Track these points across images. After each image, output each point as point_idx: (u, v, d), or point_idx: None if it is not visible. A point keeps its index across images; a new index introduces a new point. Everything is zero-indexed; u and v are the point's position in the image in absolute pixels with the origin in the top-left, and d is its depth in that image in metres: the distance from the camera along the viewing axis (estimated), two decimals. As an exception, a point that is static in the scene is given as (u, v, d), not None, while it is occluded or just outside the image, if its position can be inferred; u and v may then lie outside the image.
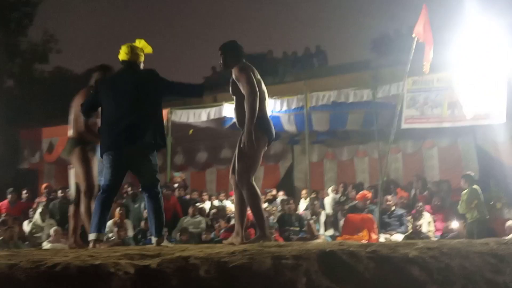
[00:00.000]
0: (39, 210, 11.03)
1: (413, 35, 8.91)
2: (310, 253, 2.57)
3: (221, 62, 5.29)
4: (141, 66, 5.33)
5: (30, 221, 11.10)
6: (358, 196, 10.96)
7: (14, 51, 25.39)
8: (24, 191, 12.11)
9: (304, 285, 2.35)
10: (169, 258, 2.37)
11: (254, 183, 4.91)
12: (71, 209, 5.78)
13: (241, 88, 4.91)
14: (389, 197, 10.62)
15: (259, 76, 5.13)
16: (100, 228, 4.83)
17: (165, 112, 12.71)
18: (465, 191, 9.87)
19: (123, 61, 5.25)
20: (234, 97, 5.10)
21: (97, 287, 2.09)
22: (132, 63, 5.22)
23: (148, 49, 5.42)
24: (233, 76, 5.03)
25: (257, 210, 4.87)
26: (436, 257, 2.76)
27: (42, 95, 21.67)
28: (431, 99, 9.98)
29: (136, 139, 4.89)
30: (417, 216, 10.23)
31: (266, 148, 5.05)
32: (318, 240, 9.13)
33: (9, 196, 12.02)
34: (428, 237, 9.39)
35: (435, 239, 9.19)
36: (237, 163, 4.88)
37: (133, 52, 5.23)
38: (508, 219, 9.67)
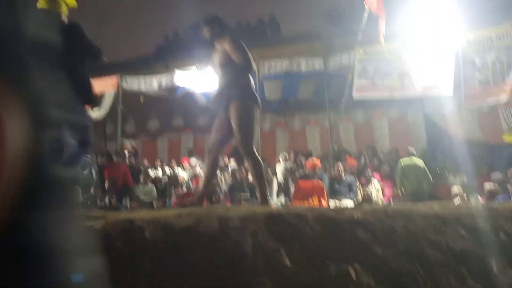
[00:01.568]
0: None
1: (366, 6, 8.97)
2: (257, 215, 2.59)
3: (209, 34, 5.29)
4: (65, 20, 4.97)
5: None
6: (307, 164, 11.09)
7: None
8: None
9: (250, 246, 2.37)
10: (114, 220, 2.36)
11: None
12: None
13: (235, 58, 4.99)
14: (340, 164, 10.78)
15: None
16: None
17: (115, 79, 12.55)
18: (399, 166, 10.28)
19: (41, 10, 4.79)
20: (220, 70, 5.10)
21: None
22: (51, 13, 4.82)
23: (72, 2, 5.07)
24: (224, 48, 5.10)
25: (261, 178, 4.99)
26: (380, 219, 2.82)
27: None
28: (381, 69, 10.10)
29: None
30: (366, 183, 10.44)
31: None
32: (269, 207, 9.22)
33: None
34: (376, 204, 9.62)
35: (383, 206, 9.44)
36: (238, 135, 4.91)
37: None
38: (453, 185, 9.98)
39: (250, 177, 11.45)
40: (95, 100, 5.26)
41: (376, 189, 10.47)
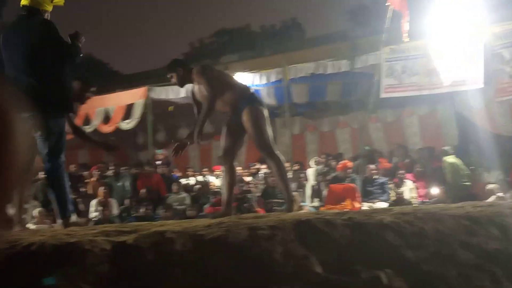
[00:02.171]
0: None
1: (387, 4, 8.91)
2: (286, 223, 2.61)
3: (177, 82, 5.34)
4: (47, 17, 4.66)
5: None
6: (338, 166, 11.06)
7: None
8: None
9: (280, 254, 2.38)
10: (145, 234, 2.40)
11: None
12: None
13: (204, 90, 5.06)
14: (371, 166, 10.71)
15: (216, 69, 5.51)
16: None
17: (143, 89, 12.69)
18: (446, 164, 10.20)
19: (23, 6, 4.57)
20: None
21: (72, 265, 2.11)
22: (33, 10, 4.52)
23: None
24: (197, 83, 5.17)
25: (285, 177, 5.13)
26: (410, 222, 2.81)
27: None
28: (408, 67, 10.00)
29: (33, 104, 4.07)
30: (399, 184, 10.35)
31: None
32: (301, 212, 9.20)
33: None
34: (410, 204, 9.50)
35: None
36: (255, 138, 5.04)
37: None
38: (488, 183, 9.82)
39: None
40: (70, 108, 4.75)
41: (410, 189, 10.36)
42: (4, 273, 2.10)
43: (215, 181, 12.37)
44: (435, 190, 10.03)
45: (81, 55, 4.72)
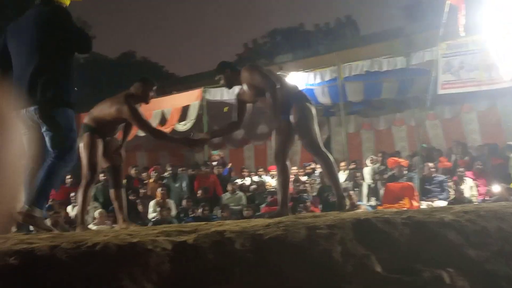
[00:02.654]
0: (83, 193, 11.25)
1: (445, -2, 8.74)
2: (344, 222, 2.59)
3: (225, 84, 5.43)
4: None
5: (75, 206, 11.35)
6: (389, 163, 10.97)
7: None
8: (68, 176, 12.28)
9: (340, 253, 2.37)
10: (205, 233, 2.42)
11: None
12: (111, 192, 5.75)
13: (260, 85, 5.08)
14: (430, 164, 10.54)
15: (265, 68, 5.46)
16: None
17: (198, 91, 12.84)
18: None
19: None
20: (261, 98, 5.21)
21: (135, 264, 2.15)
22: (47, 1, 4.36)
23: None
24: (246, 82, 5.20)
25: (334, 174, 5.12)
26: (472, 220, 2.75)
27: (78, 80, 22.03)
28: (466, 63, 9.80)
29: (35, 94, 4.11)
30: (459, 182, 10.14)
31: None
32: (359, 211, 9.14)
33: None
34: (471, 202, 9.30)
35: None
36: (302, 136, 5.05)
37: None
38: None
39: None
40: (70, 104, 4.36)
41: (470, 187, 10.14)
42: (70, 273, 2.17)
43: (271, 181, 12.41)
44: (496, 188, 9.77)
45: (90, 50, 4.48)
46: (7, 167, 0.63)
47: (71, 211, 11.31)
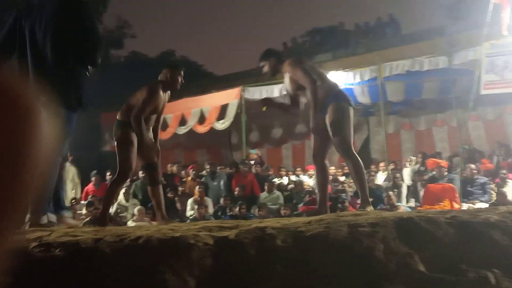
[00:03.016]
0: (123, 190, 11.38)
1: (490, -4, 8.58)
2: (387, 220, 2.56)
3: (269, 69, 5.39)
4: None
5: (114, 202, 11.53)
6: (428, 164, 10.84)
7: (91, 38, 26.21)
8: (108, 173, 12.42)
9: (382, 252, 2.35)
10: (246, 229, 2.43)
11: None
12: (149, 189, 5.68)
13: (300, 80, 5.08)
14: (472, 165, 10.36)
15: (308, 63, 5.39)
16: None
17: (237, 90, 12.87)
18: None
19: None
20: (301, 92, 5.21)
21: (178, 258, 2.17)
22: None
23: None
24: (289, 75, 5.21)
25: (363, 179, 5.07)
26: (519, 221, 2.69)
27: (118, 80, 22.34)
28: (511, 63, 9.60)
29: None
30: (501, 184, 9.94)
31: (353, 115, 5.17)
32: (399, 211, 9.05)
33: (93, 179, 12.50)
34: (513, 205, 9.12)
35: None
36: (335, 136, 5.00)
37: None
38: None
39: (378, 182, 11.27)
40: (81, 104, 4.18)
41: (512, 190, 9.93)
42: (113, 266, 2.19)
43: (309, 180, 12.37)
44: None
45: (95, 65, 4.27)
46: (35, 164, 0.60)
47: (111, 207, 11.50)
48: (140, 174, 11.69)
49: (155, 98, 5.33)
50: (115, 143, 5.45)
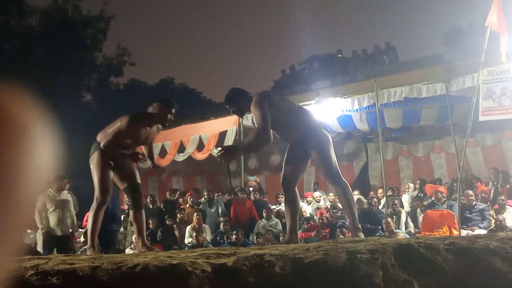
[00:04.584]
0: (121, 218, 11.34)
1: (486, 24, 8.64)
2: (386, 247, 2.55)
3: (237, 112, 5.35)
4: None
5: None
6: (426, 189, 10.85)
7: (91, 66, 26.39)
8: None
9: (381, 279, 2.33)
10: (244, 256, 2.41)
11: None
12: (131, 213, 5.52)
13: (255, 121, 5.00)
14: (470, 191, 10.35)
15: (276, 97, 5.29)
16: None
17: (236, 117, 12.90)
18: None
19: None
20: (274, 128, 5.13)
21: (175, 286, 2.15)
22: None
23: None
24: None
25: (352, 205, 5.02)
26: (518, 248, 2.68)
27: (118, 107, 22.42)
28: (508, 89, 9.64)
29: None
30: (500, 210, 9.92)
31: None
32: (398, 237, 9.00)
33: (92, 207, 12.44)
34: (513, 232, 9.08)
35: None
36: (322, 166, 5.02)
37: None
38: None
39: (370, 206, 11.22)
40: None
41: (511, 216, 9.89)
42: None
43: (306, 207, 12.34)
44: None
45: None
46: (23, 184, 0.58)
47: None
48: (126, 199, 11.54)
49: (132, 130, 5.24)
50: (91, 165, 5.34)
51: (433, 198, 10.51)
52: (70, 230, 9.84)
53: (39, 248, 9.33)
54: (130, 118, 5.27)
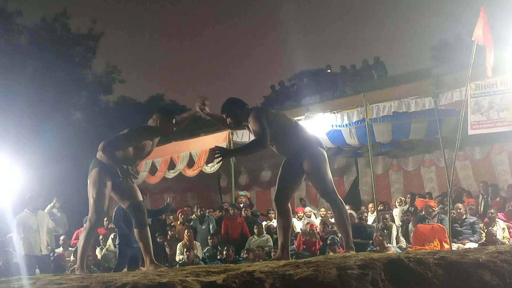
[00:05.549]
0: (111, 236, 11.26)
1: (473, 39, 8.71)
2: (376, 262, 2.55)
3: (233, 122, 5.26)
4: None
5: (102, 248, 11.40)
6: (417, 203, 10.88)
7: (80, 84, 26.33)
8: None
9: (372, 294, 2.33)
10: (234, 274, 2.40)
11: None
12: (135, 232, 5.39)
13: (254, 133, 4.96)
14: (460, 205, 10.37)
15: (273, 112, 5.27)
16: None
17: (226, 133, 12.89)
18: None
19: None
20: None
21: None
22: None
23: None
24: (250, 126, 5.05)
25: (347, 224, 5.01)
26: (508, 261, 2.68)
27: (108, 124, 22.35)
28: (496, 103, 9.68)
29: None
30: (490, 224, 9.94)
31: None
32: (388, 252, 8.98)
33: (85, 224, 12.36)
34: (503, 245, 9.08)
35: None
36: (318, 184, 5.01)
37: None
38: None
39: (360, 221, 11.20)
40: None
41: (502, 228, 9.91)
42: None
43: (297, 223, 12.32)
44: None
45: None
46: None
47: (99, 253, 11.35)
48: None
49: (136, 141, 5.25)
50: (88, 182, 5.26)
51: (423, 213, 10.51)
52: (49, 247, 9.75)
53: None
54: (133, 130, 5.29)
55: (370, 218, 12.19)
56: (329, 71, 20.25)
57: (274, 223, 12.75)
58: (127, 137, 5.20)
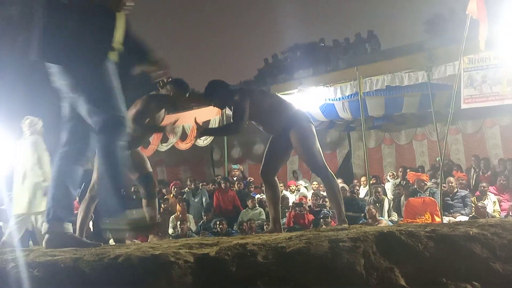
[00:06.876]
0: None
1: (467, 12, 8.67)
2: (367, 235, 2.56)
3: (217, 104, 5.28)
4: None
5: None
6: (409, 177, 10.94)
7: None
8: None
9: (363, 266, 2.34)
10: (227, 246, 2.41)
11: None
12: (144, 202, 5.41)
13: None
14: (451, 178, 10.44)
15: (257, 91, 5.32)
16: None
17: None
18: None
19: None
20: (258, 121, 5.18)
21: (158, 276, 2.15)
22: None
23: None
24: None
25: (338, 198, 5.01)
26: (498, 234, 2.70)
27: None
28: (489, 77, 9.68)
29: None
30: (481, 197, 10.02)
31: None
32: (380, 225, 9.04)
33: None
34: (494, 218, 9.17)
35: (502, 219, 8.97)
36: (307, 159, 5.02)
37: None
38: None
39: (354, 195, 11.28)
40: None
41: (493, 202, 10.00)
42: (94, 285, 2.17)
43: (290, 196, 12.37)
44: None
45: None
46: None
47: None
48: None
49: (151, 110, 5.28)
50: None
51: (416, 186, 10.57)
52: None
53: None
54: (148, 98, 5.28)
55: (362, 192, 12.27)
56: (322, 44, 20.18)
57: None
58: (143, 109, 5.22)
